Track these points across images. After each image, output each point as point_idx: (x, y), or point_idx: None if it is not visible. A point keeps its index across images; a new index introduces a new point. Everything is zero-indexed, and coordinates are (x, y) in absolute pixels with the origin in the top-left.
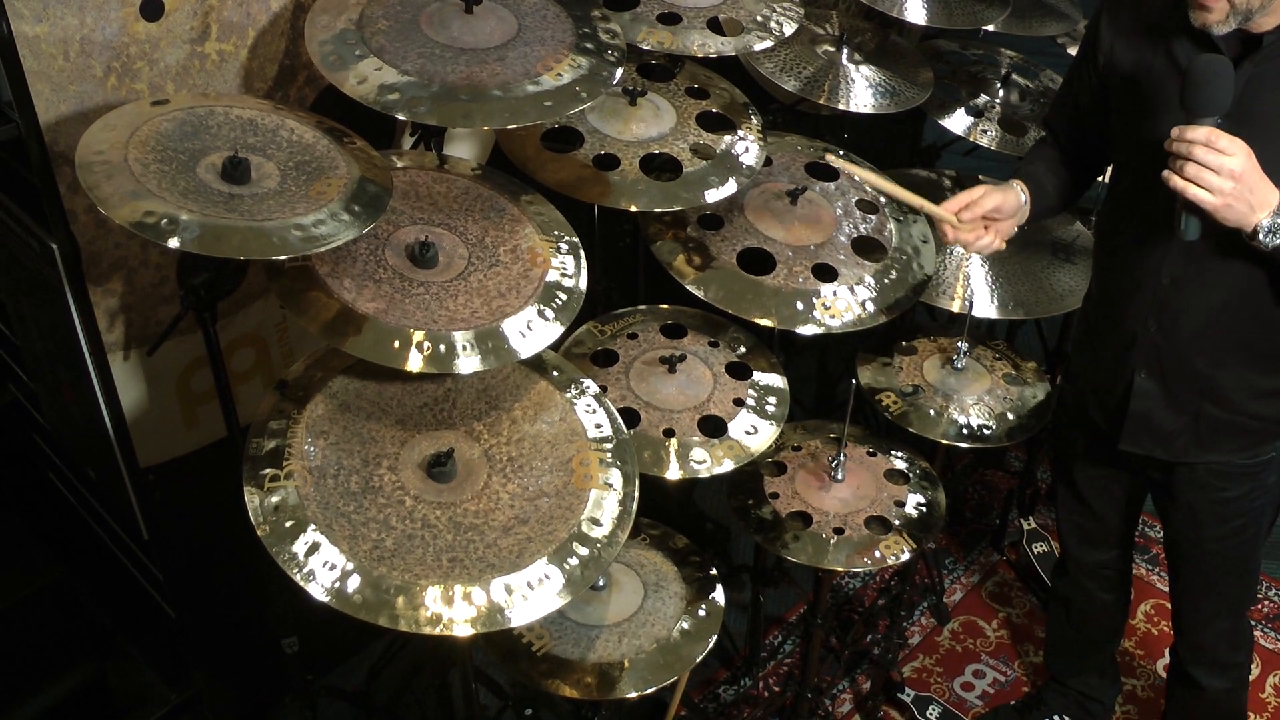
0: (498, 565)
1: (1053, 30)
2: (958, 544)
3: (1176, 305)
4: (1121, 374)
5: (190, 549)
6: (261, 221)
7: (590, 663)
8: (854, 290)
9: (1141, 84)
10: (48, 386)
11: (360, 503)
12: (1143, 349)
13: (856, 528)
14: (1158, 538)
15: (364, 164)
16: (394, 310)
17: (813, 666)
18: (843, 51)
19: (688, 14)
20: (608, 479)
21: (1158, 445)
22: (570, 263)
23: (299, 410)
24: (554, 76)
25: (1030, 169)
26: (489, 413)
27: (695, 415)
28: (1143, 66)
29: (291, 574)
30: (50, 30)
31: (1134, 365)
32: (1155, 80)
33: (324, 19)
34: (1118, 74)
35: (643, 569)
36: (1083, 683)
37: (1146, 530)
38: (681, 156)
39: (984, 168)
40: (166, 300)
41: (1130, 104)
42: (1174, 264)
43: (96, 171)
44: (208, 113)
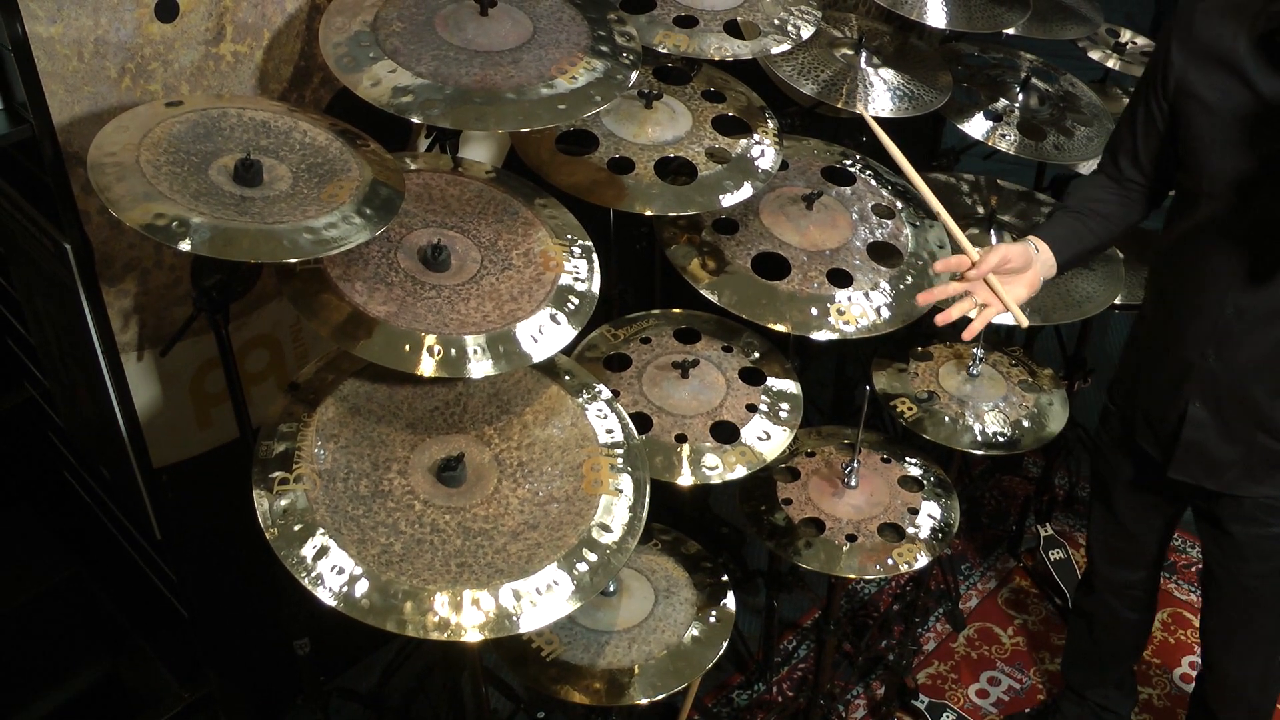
0: (507, 571)
1: (1073, 34)
2: (974, 550)
3: (1239, 335)
4: (1175, 401)
5: (203, 549)
6: (273, 224)
7: (600, 669)
8: (869, 296)
9: (1216, 111)
10: (63, 386)
11: (369, 507)
12: (1199, 378)
13: (869, 535)
14: (1177, 546)
15: (377, 167)
16: (405, 313)
17: (826, 672)
18: (861, 55)
19: (705, 17)
20: (618, 485)
21: (1208, 476)
22: (583, 266)
23: (309, 413)
24: (569, 79)
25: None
26: (500, 417)
27: (708, 421)
28: (1217, 93)
29: (300, 578)
30: (65, 31)
31: (1188, 394)
32: (1231, 107)
33: (338, 20)
34: (1189, 100)
35: (654, 574)
36: (1100, 695)
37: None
38: (697, 160)
39: (1003, 171)
40: (180, 301)
41: (1203, 131)
42: (1240, 294)
43: (108, 173)
44: (221, 114)
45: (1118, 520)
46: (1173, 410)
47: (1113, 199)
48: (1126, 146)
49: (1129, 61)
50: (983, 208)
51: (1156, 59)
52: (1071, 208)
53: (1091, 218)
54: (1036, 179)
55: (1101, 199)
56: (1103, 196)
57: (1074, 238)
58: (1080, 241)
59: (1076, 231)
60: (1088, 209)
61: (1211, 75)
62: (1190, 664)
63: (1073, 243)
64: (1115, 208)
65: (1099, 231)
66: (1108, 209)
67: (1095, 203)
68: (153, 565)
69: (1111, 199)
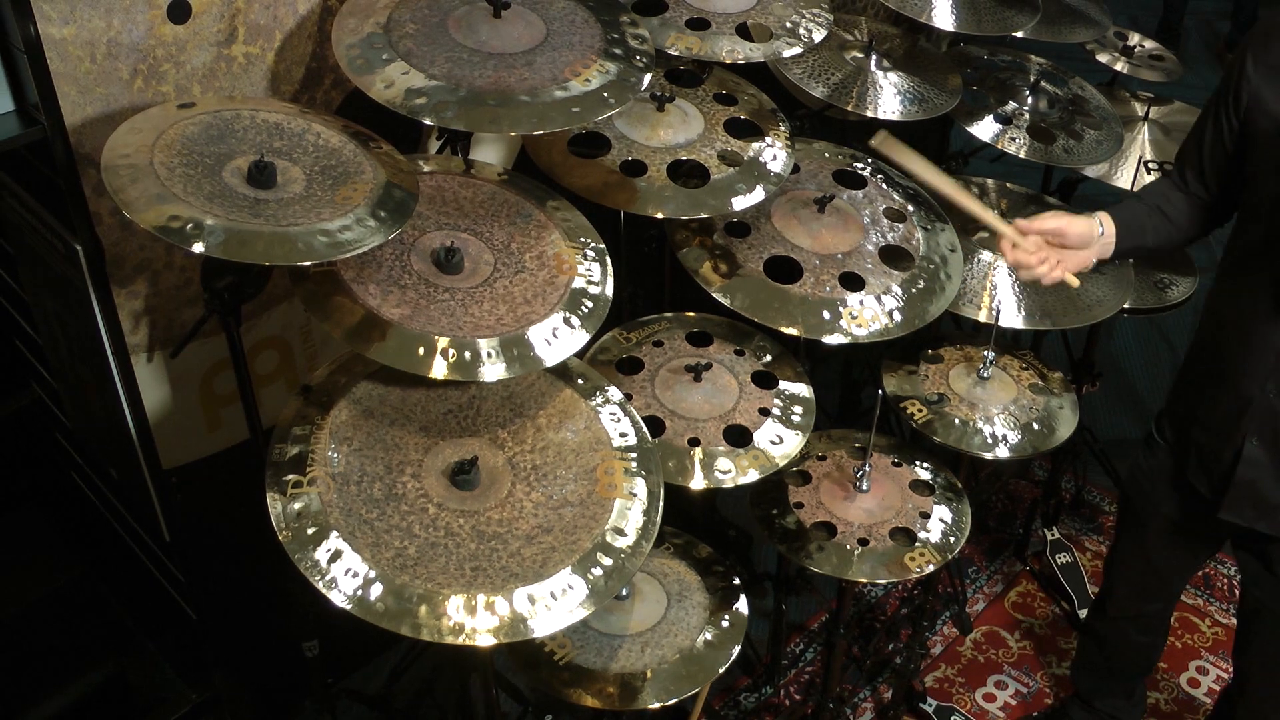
0: (521, 575)
1: (1082, 37)
2: (981, 553)
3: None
4: (1231, 438)
5: (212, 551)
6: (287, 227)
7: (613, 672)
8: (881, 300)
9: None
10: (71, 387)
11: (383, 510)
12: (1257, 414)
13: (881, 539)
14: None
15: (390, 169)
16: (419, 316)
17: (835, 676)
18: (871, 58)
19: (716, 19)
20: (632, 488)
21: (1261, 518)
22: (596, 269)
23: (323, 416)
24: (582, 82)
25: (1129, 204)
26: (513, 420)
27: (720, 424)
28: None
29: (313, 581)
30: (77, 32)
31: (1245, 430)
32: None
33: (351, 22)
34: (1261, 118)
35: (666, 578)
36: (1109, 704)
37: None
38: (709, 163)
39: (1010, 175)
40: (190, 302)
41: (1272, 151)
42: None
43: (122, 175)
44: (234, 116)
45: (1148, 556)
46: (1228, 447)
47: (1180, 205)
48: (1193, 161)
49: (1137, 65)
50: (992, 210)
51: (1231, 74)
52: (1145, 199)
53: (1159, 215)
54: (1043, 182)
55: (1172, 201)
56: (1173, 199)
57: (1140, 228)
58: (1144, 233)
59: (1144, 223)
60: (1158, 206)
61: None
62: (1197, 669)
63: (1137, 232)
64: (1181, 214)
65: (1162, 231)
66: (1175, 212)
67: (1166, 203)
68: (160, 567)
69: (1179, 205)
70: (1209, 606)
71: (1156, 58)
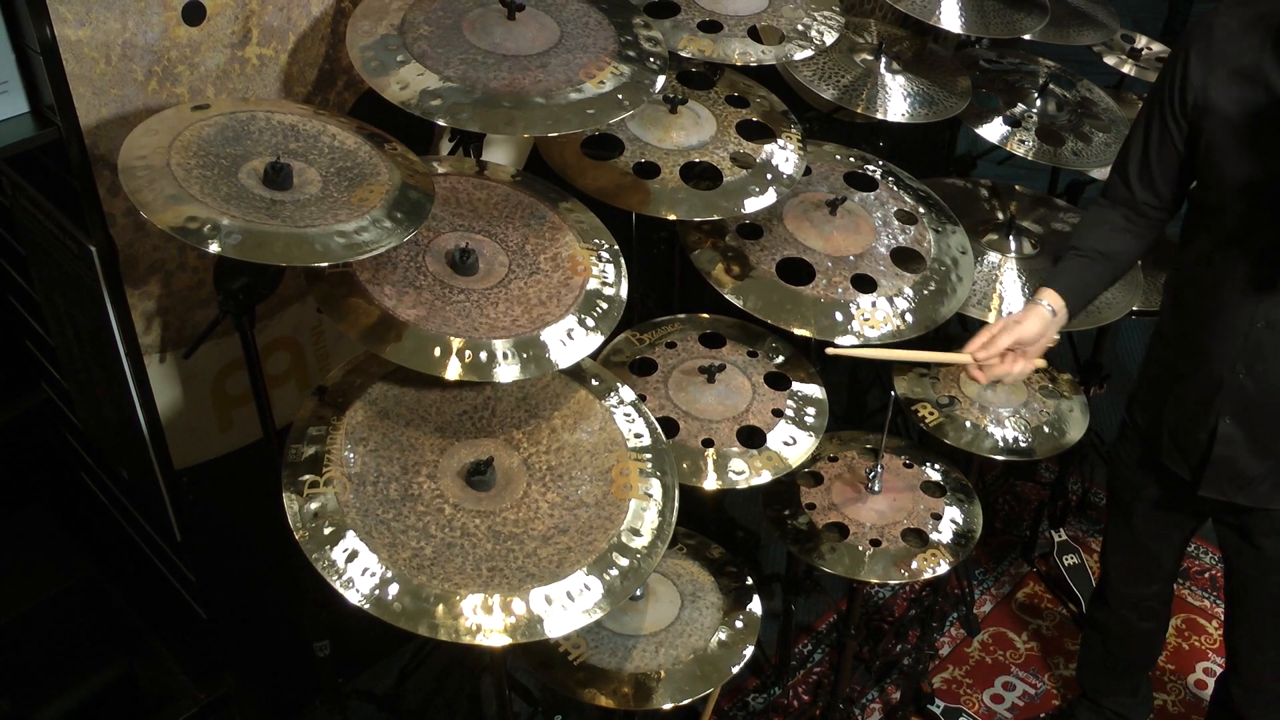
0: (537, 575)
1: (1089, 39)
2: (988, 555)
3: (1270, 349)
4: (1204, 419)
5: (223, 551)
6: (304, 228)
7: (627, 673)
8: (893, 301)
9: (1243, 123)
10: (82, 387)
11: (399, 510)
12: (1229, 394)
13: (893, 540)
14: (1191, 553)
15: (406, 170)
16: (434, 317)
17: (845, 676)
18: (881, 60)
19: (728, 22)
20: (647, 489)
21: (1239, 491)
22: (611, 271)
23: (338, 417)
24: (596, 84)
25: (1067, 265)
26: (528, 421)
27: (734, 425)
28: (1244, 105)
29: (330, 580)
30: (92, 34)
31: (1218, 410)
32: (1259, 119)
33: (365, 24)
34: (1213, 114)
35: (679, 579)
36: (1116, 702)
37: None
38: (721, 165)
39: (1017, 177)
40: (203, 303)
41: (1230, 144)
42: (1270, 307)
43: (139, 176)
44: (249, 118)
45: (1136, 538)
46: (1202, 428)
47: (1122, 234)
48: (1139, 170)
49: (1144, 67)
50: (1002, 213)
51: (1172, 75)
52: (1082, 250)
53: (1100, 261)
54: (1050, 184)
55: (1109, 239)
56: (1110, 236)
57: (1086, 284)
58: (1092, 287)
59: (1088, 278)
60: (1096, 252)
61: (1234, 88)
62: (1204, 670)
63: (1086, 290)
64: (1125, 243)
65: (1111, 273)
66: (1118, 246)
67: (1104, 242)
68: (171, 567)
69: (1121, 234)
70: (1216, 609)
71: (1164, 60)
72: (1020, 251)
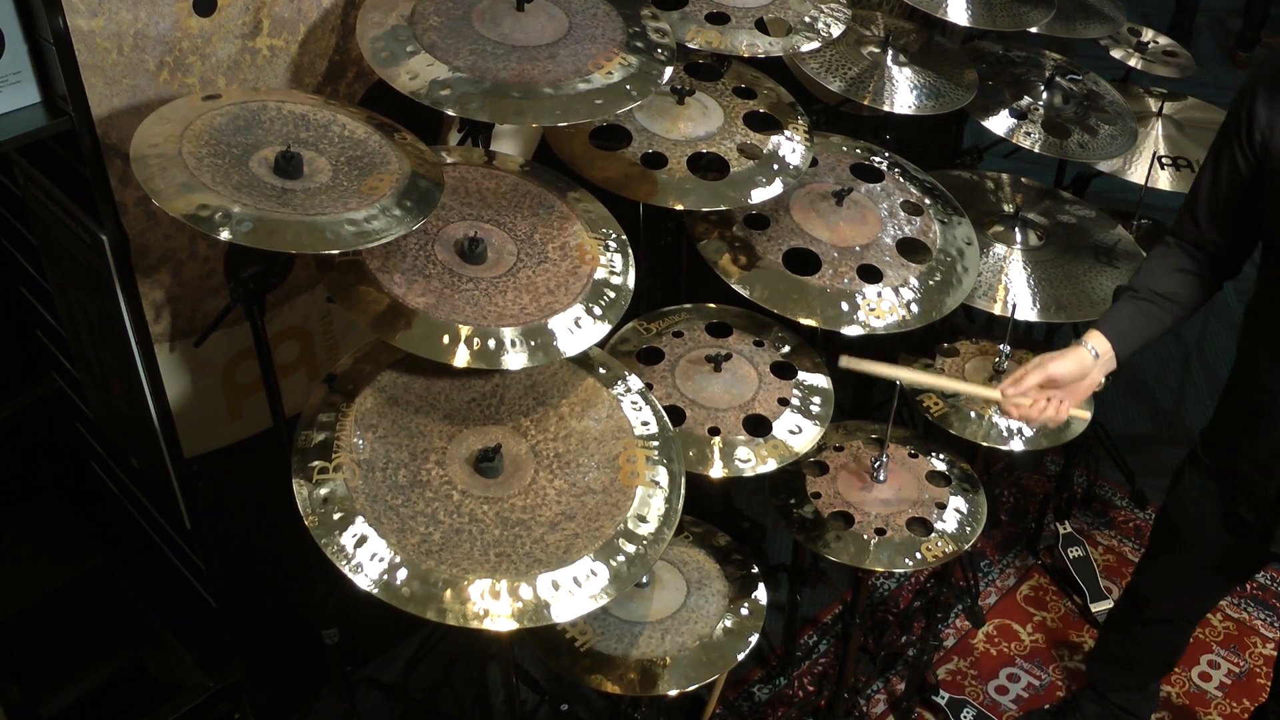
0: (545, 561)
1: (1096, 33)
2: (993, 547)
3: None
4: (1274, 472)
5: (233, 539)
6: (314, 216)
7: (633, 659)
8: (898, 292)
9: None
10: (93, 376)
11: (408, 496)
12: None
13: (898, 529)
14: None
15: (415, 159)
16: (443, 305)
17: (850, 666)
18: (887, 52)
19: (736, 14)
20: (654, 476)
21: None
22: (618, 260)
23: (348, 404)
24: (605, 75)
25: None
26: (536, 409)
27: (740, 414)
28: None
29: (340, 565)
30: (105, 24)
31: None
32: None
33: (375, 15)
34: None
35: (685, 566)
36: (1123, 698)
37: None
38: (728, 156)
39: (1024, 170)
40: (214, 292)
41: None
42: None
43: (151, 165)
44: (260, 107)
45: (1190, 575)
46: (1273, 482)
47: (1188, 278)
48: (1207, 204)
49: (1150, 61)
50: (1009, 205)
51: (1239, 113)
52: (1141, 294)
53: (1157, 303)
54: (1057, 177)
55: (1168, 281)
56: (1170, 278)
57: (1141, 329)
58: (1145, 331)
59: (1144, 323)
60: (1154, 294)
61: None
62: (1209, 662)
63: (1136, 334)
64: (1190, 289)
65: (1168, 318)
66: (1177, 289)
67: (1167, 288)
68: (181, 555)
69: (1186, 279)
70: (1221, 601)
71: (1170, 54)
72: (1026, 243)
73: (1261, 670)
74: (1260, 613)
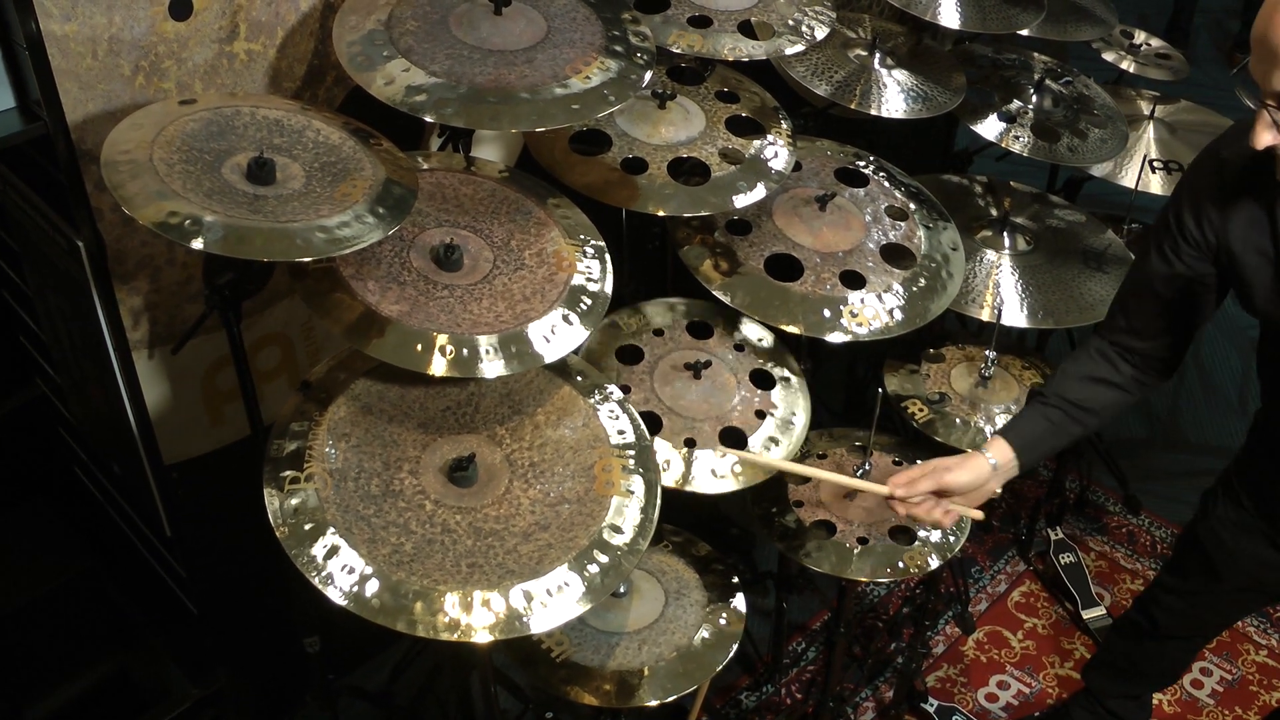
0: (518, 572)
1: (1088, 35)
2: (984, 553)
3: None
4: None
5: (214, 546)
6: (285, 223)
7: (610, 670)
8: (882, 298)
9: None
10: (74, 382)
11: (380, 506)
12: None
13: (880, 538)
14: None
15: (390, 165)
16: (418, 313)
17: (836, 674)
18: (875, 56)
19: (719, 17)
20: (630, 486)
21: None
22: (596, 267)
23: (321, 412)
24: (582, 79)
25: (1030, 414)
26: (511, 417)
27: (718, 425)
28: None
29: (310, 577)
30: (79, 29)
31: None
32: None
33: (352, 19)
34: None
35: (664, 576)
36: (1119, 705)
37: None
38: (710, 161)
39: (1016, 174)
40: (192, 299)
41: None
42: None
43: (122, 170)
44: (234, 113)
45: (1219, 603)
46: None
47: (1105, 390)
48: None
49: (1143, 63)
50: (996, 210)
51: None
52: (1052, 401)
53: (1072, 414)
54: (1049, 181)
55: (1090, 394)
56: (1091, 390)
57: (1047, 439)
58: (1054, 442)
59: (1051, 433)
60: (1071, 405)
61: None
62: (1200, 670)
63: (1045, 445)
64: (1106, 401)
65: (1079, 429)
66: (1097, 403)
67: (1081, 397)
68: (162, 561)
69: (1103, 390)
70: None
71: (1163, 56)
72: (1015, 248)
73: (1254, 677)
74: (1253, 620)
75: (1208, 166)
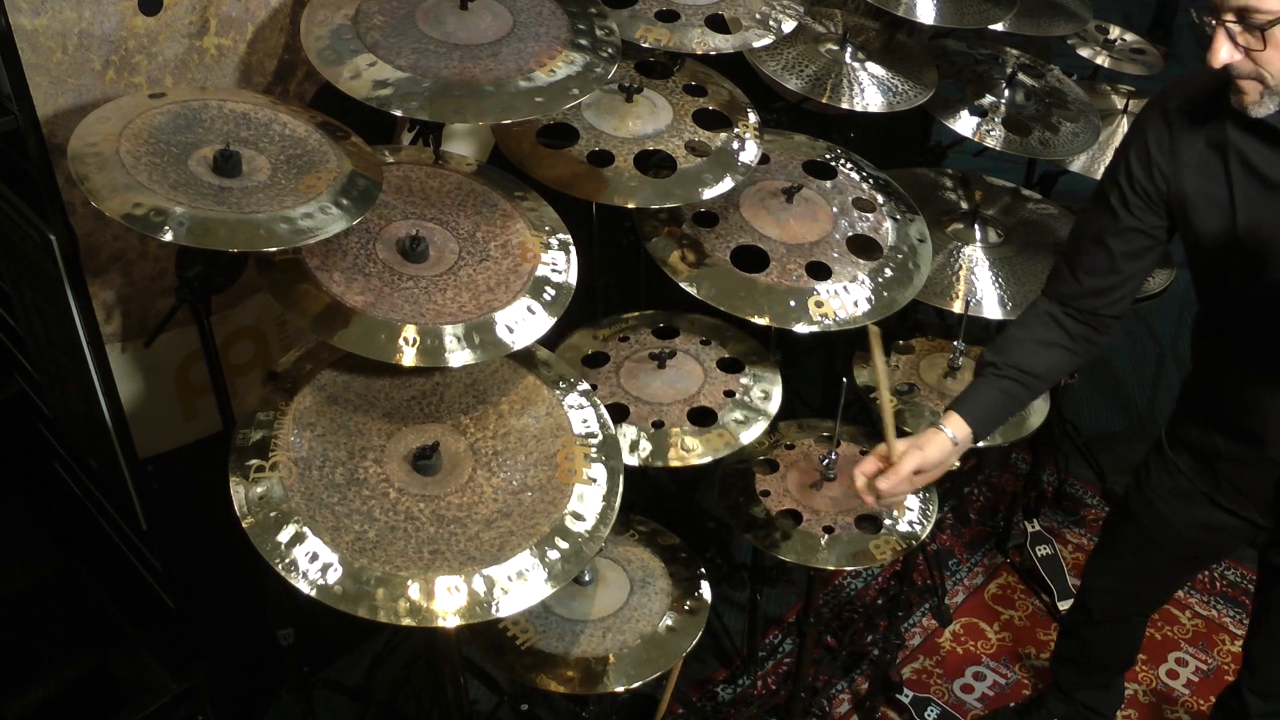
0: (479, 558)
1: (1062, 30)
2: (961, 546)
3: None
4: (1265, 466)
5: (189, 539)
6: (250, 214)
7: (575, 657)
8: (848, 289)
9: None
10: (51, 377)
11: (344, 494)
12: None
13: (847, 527)
14: None
15: (356, 159)
16: (382, 304)
17: (807, 665)
18: (846, 50)
19: (686, 11)
20: (591, 474)
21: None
22: (560, 258)
23: (287, 402)
24: (547, 73)
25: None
26: (476, 407)
27: (685, 407)
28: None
29: (275, 565)
30: (49, 23)
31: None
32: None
33: (321, 14)
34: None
35: (630, 565)
36: (1089, 696)
37: None
38: (677, 154)
39: (994, 169)
40: (165, 292)
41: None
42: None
43: (88, 163)
44: (201, 106)
45: (1155, 572)
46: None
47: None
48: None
49: (1118, 58)
50: (966, 203)
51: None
52: (1003, 371)
53: (1024, 380)
54: (1027, 175)
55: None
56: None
57: (1000, 410)
58: (1007, 412)
59: (1004, 404)
60: (1021, 373)
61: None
62: (1175, 660)
63: (998, 416)
64: (1054, 363)
65: (1029, 394)
66: (1046, 367)
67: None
68: (139, 555)
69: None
70: (1189, 599)
71: (1138, 51)
72: (986, 240)
73: (1230, 667)
74: (1229, 610)
75: (1155, 118)
